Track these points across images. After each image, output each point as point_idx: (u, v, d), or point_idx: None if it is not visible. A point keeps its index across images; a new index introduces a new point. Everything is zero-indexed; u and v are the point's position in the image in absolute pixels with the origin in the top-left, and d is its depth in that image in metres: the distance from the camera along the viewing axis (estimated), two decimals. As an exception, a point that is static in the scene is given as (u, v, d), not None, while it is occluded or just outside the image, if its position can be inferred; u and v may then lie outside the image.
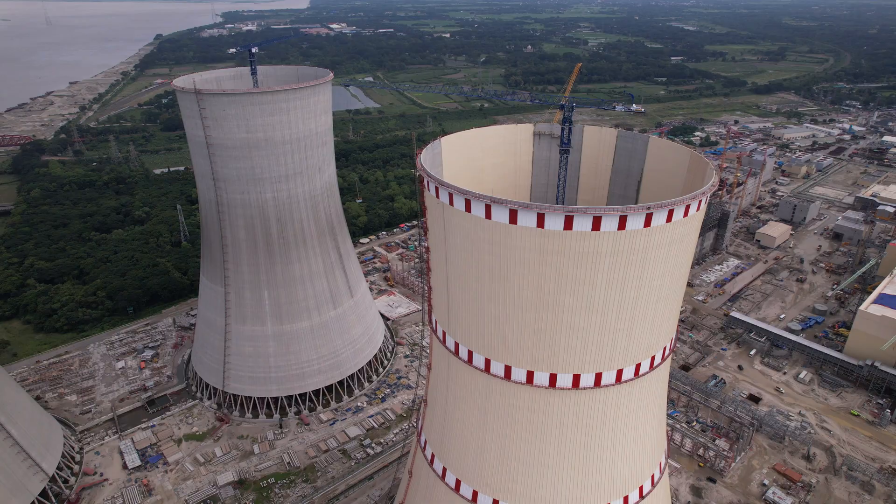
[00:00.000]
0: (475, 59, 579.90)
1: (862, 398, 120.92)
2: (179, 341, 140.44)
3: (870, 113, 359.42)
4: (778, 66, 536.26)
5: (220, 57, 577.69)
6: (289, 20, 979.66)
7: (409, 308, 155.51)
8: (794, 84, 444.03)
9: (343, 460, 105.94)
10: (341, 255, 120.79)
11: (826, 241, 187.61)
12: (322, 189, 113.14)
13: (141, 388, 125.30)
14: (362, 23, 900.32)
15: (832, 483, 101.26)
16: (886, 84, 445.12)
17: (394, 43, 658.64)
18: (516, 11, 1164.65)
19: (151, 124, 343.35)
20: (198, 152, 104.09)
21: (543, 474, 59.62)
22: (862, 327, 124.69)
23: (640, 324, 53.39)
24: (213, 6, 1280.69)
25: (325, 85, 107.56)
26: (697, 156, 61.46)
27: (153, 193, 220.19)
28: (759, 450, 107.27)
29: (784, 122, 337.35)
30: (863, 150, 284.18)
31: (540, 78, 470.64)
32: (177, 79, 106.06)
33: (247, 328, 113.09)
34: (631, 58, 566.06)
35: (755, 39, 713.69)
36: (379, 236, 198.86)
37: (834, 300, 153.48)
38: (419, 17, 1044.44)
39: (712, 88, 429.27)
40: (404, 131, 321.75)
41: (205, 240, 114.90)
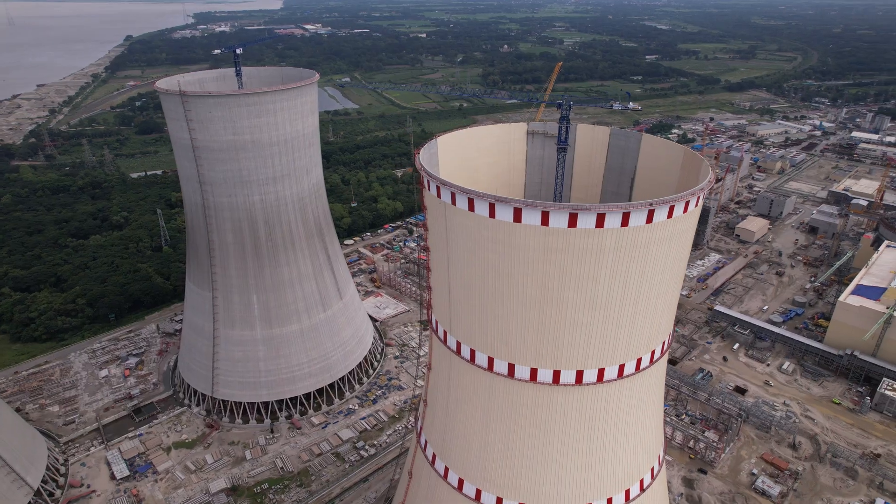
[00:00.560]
0: (452, 59, 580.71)
1: (842, 387, 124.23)
2: (164, 348, 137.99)
3: (838, 109, 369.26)
4: (749, 65, 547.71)
5: (194, 58, 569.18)
6: (262, 21, 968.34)
7: (396, 309, 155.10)
8: (766, 82, 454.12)
9: (337, 463, 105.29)
10: (329, 256, 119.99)
11: (802, 235, 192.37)
12: (310, 191, 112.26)
13: (126, 396, 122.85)
14: (337, 23, 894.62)
15: (818, 470, 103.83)
16: (852, 81, 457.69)
17: (370, 43, 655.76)
18: (491, 11, 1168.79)
19: (125, 127, 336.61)
20: (183, 155, 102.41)
21: (547, 471, 60.02)
22: (841, 318, 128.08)
23: (641, 319, 54.09)
24: (185, 7, 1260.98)
25: (312, 86, 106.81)
26: (691, 153, 62.50)
27: (131, 198, 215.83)
28: (747, 440, 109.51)
29: (757, 119, 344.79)
30: (833, 145, 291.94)
31: (518, 77, 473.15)
32: (159, 81, 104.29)
33: (235, 332, 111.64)
34: (606, 56, 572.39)
35: (726, 38, 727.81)
36: (363, 237, 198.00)
37: (812, 292, 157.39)
38: (394, 18, 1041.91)
39: (687, 86, 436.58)
40: (384, 132, 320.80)
41: (191, 244, 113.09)
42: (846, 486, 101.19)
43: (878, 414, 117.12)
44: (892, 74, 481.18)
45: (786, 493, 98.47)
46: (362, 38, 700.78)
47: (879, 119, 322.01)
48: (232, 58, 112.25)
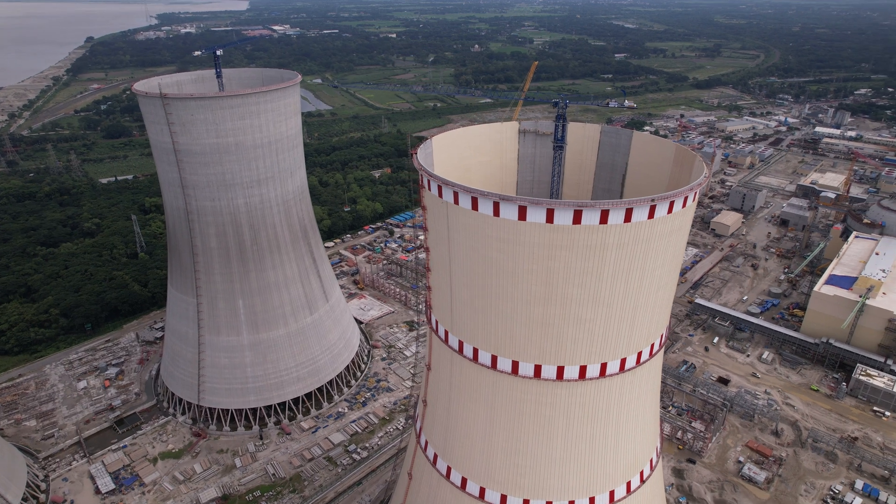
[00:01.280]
0: (423, 59, 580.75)
1: (819, 374, 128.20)
2: (145, 356, 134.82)
3: (801, 105, 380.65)
4: (715, 62, 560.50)
5: (160, 60, 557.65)
6: (229, 22, 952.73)
7: (381, 310, 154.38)
8: (732, 79, 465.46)
9: (329, 467, 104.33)
10: (315, 259, 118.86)
11: (774, 228, 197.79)
12: (294, 193, 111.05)
13: (107, 407, 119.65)
14: (306, 24, 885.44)
15: (800, 455, 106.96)
16: (813, 78, 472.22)
17: (340, 44, 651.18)
18: (460, 11, 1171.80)
19: (91, 131, 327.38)
20: (164, 159, 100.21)
21: (551, 467, 60.53)
22: (816, 307, 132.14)
23: (641, 313, 54.96)
24: (147, 8, 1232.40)
25: (295, 87, 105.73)
26: (683, 149, 63.72)
27: (102, 204, 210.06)
28: (732, 429, 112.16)
29: (726, 116, 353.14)
30: (798, 140, 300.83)
31: (490, 77, 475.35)
32: (137, 83, 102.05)
33: (221, 339, 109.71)
34: (577, 55, 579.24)
35: (692, 37, 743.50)
36: (343, 239, 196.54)
37: (787, 283, 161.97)
38: (363, 18, 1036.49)
39: (657, 84, 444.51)
40: (360, 133, 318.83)
41: (173, 249, 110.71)
42: (827, 469, 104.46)
43: (853, 399, 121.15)
44: (849, 71, 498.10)
45: (771, 479, 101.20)
46: (332, 39, 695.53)
47: (840, 115, 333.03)
48: (202, 60, 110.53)
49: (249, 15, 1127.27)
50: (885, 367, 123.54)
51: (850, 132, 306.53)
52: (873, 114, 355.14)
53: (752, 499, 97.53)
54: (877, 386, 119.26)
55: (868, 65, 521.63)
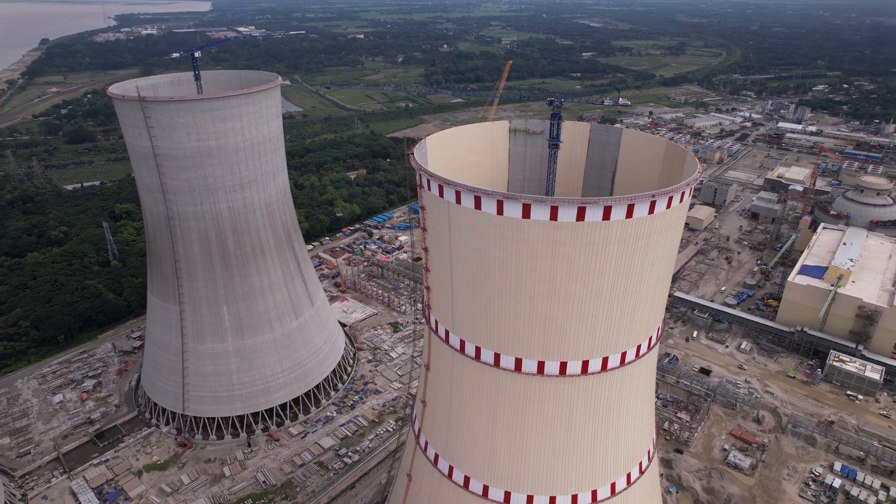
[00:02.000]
0: (393, 59, 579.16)
1: (795, 361, 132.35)
2: (124, 367, 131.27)
3: (764, 102, 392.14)
4: (679, 60, 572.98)
5: (122, 63, 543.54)
6: (192, 23, 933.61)
7: (364, 313, 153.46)
8: (697, 76, 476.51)
9: (321, 472, 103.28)
10: (299, 263, 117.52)
11: (745, 221, 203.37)
12: (277, 196, 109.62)
13: (86, 421, 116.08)
14: (271, 25, 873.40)
15: (781, 441, 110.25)
16: (773, 75, 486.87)
17: (307, 45, 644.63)
18: (427, 11, 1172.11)
19: (53, 137, 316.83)
20: (142, 164, 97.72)
21: (554, 462, 61.12)
22: (791, 297, 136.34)
23: (641, 307, 55.92)
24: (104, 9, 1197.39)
25: (276, 88, 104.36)
26: (674, 145, 65.04)
27: (69, 212, 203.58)
28: (716, 418, 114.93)
29: (693, 112, 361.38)
30: (763, 135, 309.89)
31: (461, 77, 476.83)
32: (112, 86, 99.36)
33: (206, 346, 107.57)
34: (545, 54, 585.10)
35: (656, 35, 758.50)
36: (322, 242, 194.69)
37: (760, 274, 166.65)
38: (329, 18, 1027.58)
39: (625, 82, 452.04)
40: (333, 134, 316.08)
41: (153, 256, 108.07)
42: (807, 453, 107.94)
43: (828, 384, 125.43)
44: (806, 69, 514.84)
45: (755, 465, 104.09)
46: (299, 40, 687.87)
47: (801, 110, 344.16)
48: (167, 63, 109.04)
49: (212, 16, 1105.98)
50: (857, 352, 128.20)
51: (811, 127, 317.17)
52: (831, 109, 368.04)
53: (739, 485, 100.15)
54: (849, 371, 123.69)
55: (823, 62, 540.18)
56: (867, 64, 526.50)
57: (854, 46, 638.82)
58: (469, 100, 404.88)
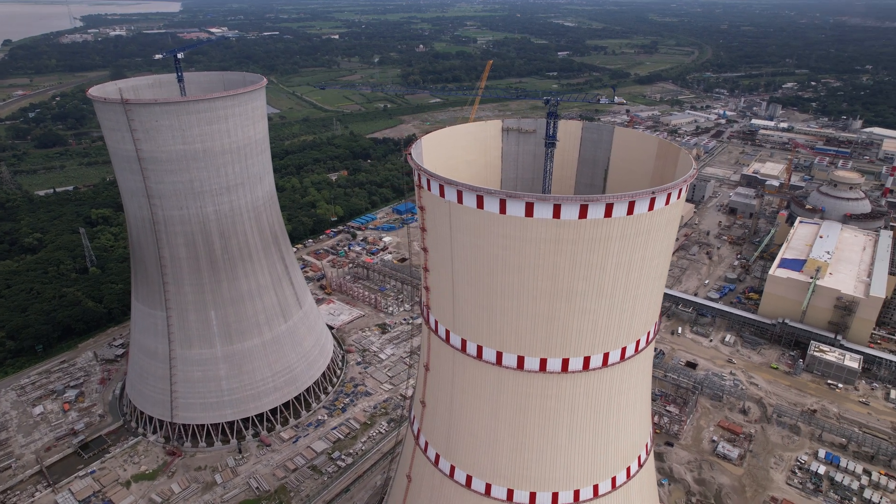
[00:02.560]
0: (369, 59, 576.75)
1: (777, 352, 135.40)
2: (106, 376, 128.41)
3: (737, 99, 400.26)
4: (653, 59, 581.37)
5: (90, 65, 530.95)
6: (162, 24, 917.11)
7: (351, 315, 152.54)
8: (671, 74, 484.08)
9: (314, 476, 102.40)
10: (287, 266, 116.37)
11: (724, 216, 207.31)
12: (264, 199, 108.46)
13: (69, 432, 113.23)
14: (244, 26, 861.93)
15: (767, 430, 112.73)
16: (744, 73, 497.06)
17: (282, 46, 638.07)
18: (401, 11, 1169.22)
19: (21, 141, 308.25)
20: (126, 168, 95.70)
21: (556, 458, 61.56)
22: (771, 290, 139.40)
23: (640, 302, 56.66)
24: (70, 9, 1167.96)
25: (261, 90, 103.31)
26: (666, 142, 66.01)
27: (42, 218, 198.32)
28: (704, 410, 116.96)
29: (668, 110, 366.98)
30: (737, 132, 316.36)
31: (438, 77, 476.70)
32: (92, 89, 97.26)
33: (194, 352, 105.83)
34: (521, 54, 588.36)
35: (629, 34, 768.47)
36: (306, 244, 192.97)
37: (740, 268, 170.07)
38: (303, 19, 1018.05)
39: (601, 80, 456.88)
40: (312, 136, 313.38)
41: (137, 262, 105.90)
42: (792, 441, 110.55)
43: (809, 374, 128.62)
44: (776, 66, 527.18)
45: (744, 455, 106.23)
46: (273, 41, 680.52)
47: (772, 107, 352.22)
48: (137, 65, 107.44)
49: (183, 17, 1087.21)
50: (836, 342, 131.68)
51: (783, 124, 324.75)
52: (801, 106, 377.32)
53: (729, 475, 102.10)
54: (829, 360, 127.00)
55: (791, 60, 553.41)
56: (832, 62, 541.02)
57: (819, 45, 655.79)
58: (447, 99, 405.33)
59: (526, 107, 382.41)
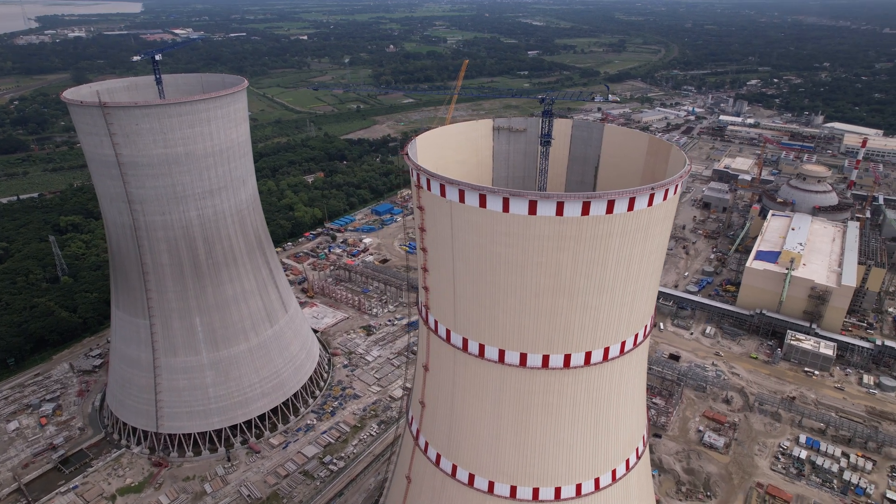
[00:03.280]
0: (339, 60, 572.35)
1: (756, 342, 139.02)
2: (84, 387, 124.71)
3: (705, 96, 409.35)
4: (621, 57, 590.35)
5: (49, 67, 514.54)
6: (123, 25, 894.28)
7: (335, 317, 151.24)
8: (639, 72, 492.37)
9: (307, 482, 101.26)
10: (272, 269, 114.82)
11: (698, 211, 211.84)
12: (247, 202, 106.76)
13: (48, 447, 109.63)
14: (210, 27, 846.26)
15: (750, 419, 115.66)
16: (710, 71, 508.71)
17: (250, 47, 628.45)
18: (369, 12, 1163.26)
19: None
20: (104, 173, 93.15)
21: (558, 453, 62.13)
22: (749, 281, 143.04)
23: (639, 296, 57.56)
24: (24, 9, 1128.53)
25: (243, 92, 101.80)
26: (657, 139, 67.17)
27: (7, 226, 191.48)
28: (688, 402, 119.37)
29: (639, 108, 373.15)
30: (707, 128, 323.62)
31: (410, 77, 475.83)
32: (67, 92, 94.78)
33: (179, 360, 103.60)
34: (491, 53, 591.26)
35: (597, 33, 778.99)
36: (285, 248, 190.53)
37: (716, 261, 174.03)
38: (270, 20, 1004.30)
39: (571, 79, 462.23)
40: (285, 138, 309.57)
41: (117, 269, 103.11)
42: (774, 428, 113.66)
43: (787, 362, 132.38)
44: (740, 64, 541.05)
45: (729, 444, 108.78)
46: (241, 42, 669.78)
47: (739, 104, 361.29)
48: (99, 67, 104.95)
49: (145, 18, 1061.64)
50: (811, 331, 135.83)
51: (749, 119, 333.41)
52: (765, 102, 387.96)
53: (716, 464, 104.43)
54: (806, 349, 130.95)
55: (754, 58, 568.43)
56: (792, 60, 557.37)
57: (779, 43, 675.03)
58: (421, 99, 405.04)
59: (499, 106, 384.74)
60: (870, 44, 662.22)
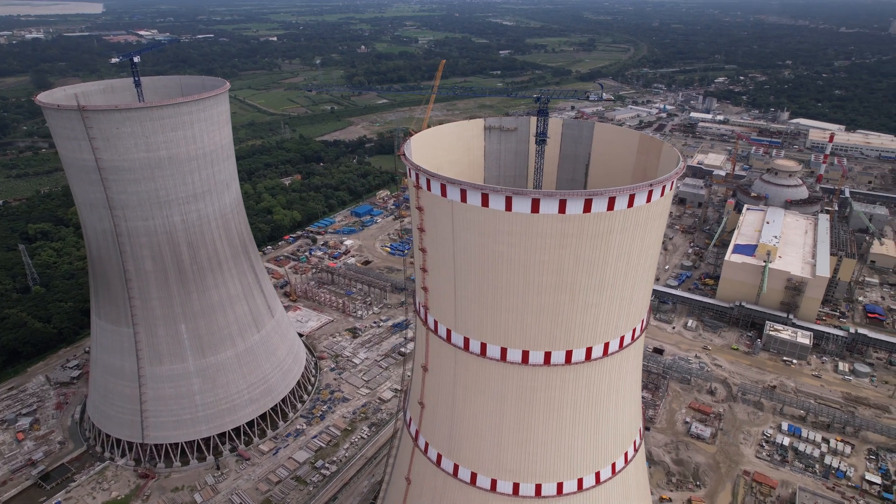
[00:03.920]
0: (310, 61, 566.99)
1: (736, 334, 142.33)
2: (63, 400, 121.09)
3: (675, 94, 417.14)
4: (592, 56, 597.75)
5: (6, 70, 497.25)
6: (84, 27, 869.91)
7: (319, 321, 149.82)
8: (610, 71, 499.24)
9: (299, 487, 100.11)
10: (257, 273, 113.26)
11: (674, 206, 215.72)
12: (231, 206, 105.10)
13: (27, 463, 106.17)
14: (176, 28, 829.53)
15: (734, 408, 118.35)
16: (679, 69, 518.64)
17: (219, 49, 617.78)
18: (338, 12, 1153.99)
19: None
20: (83, 178, 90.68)
21: (560, 449, 62.65)
22: (728, 275, 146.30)
23: (637, 291, 58.43)
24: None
25: (225, 94, 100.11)
26: (648, 137, 68.26)
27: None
28: (674, 394, 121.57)
29: (612, 106, 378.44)
30: (678, 125, 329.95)
31: (383, 77, 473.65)
32: (41, 95, 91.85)
33: (164, 368, 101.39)
34: (464, 53, 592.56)
35: (567, 32, 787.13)
36: (265, 252, 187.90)
37: (694, 256, 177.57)
38: (238, 21, 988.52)
39: (544, 78, 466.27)
40: (259, 140, 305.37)
41: (98, 277, 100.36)
42: (757, 417, 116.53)
43: (767, 352, 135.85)
44: (707, 62, 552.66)
45: (715, 433, 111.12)
46: (209, 44, 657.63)
47: (708, 101, 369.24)
48: (61, 69, 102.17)
49: (107, 18, 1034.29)
50: (788, 321, 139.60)
51: (719, 116, 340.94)
52: (733, 99, 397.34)
53: (703, 454, 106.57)
54: (784, 339, 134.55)
55: (721, 56, 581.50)
56: (757, 58, 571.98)
57: (743, 42, 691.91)
58: (395, 99, 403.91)
59: (473, 105, 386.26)
60: (828, 42, 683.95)
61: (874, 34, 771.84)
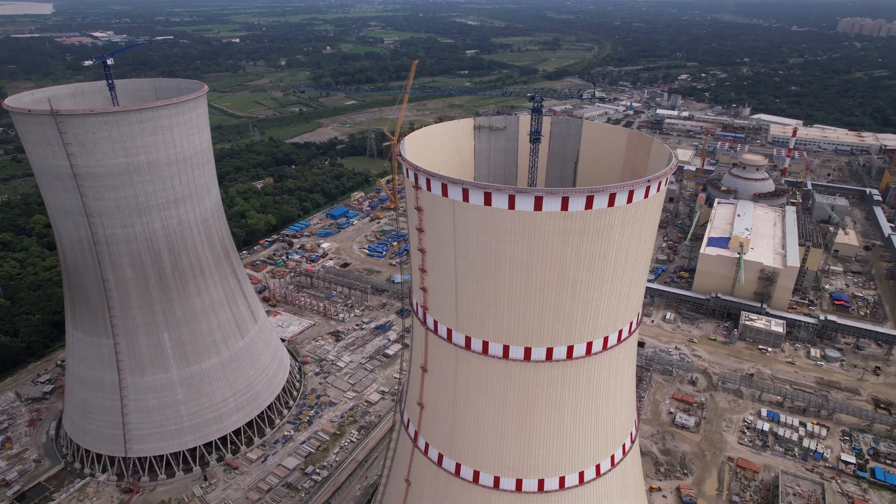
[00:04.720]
0: (275, 62, 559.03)
1: (713, 325, 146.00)
2: (36, 416, 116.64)
3: (640, 91, 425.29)
4: (557, 55, 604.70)
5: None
6: (33, 28, 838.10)
7: (300, 325, 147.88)
8: (576, 69, 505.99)
9: (291, 494, 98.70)
10: (239, 279, 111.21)
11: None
12: (212, 211, 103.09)
13: (0, 484, 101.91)
14: (132, 30, 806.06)
15: (715, 397, 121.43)
16: (643, 67, 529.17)
17: (180, 51, 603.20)
18: (301, 13, 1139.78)
19: None
20: (56, 185, 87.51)
21: (562, 444, 63.29)
22: (704, 267, 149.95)
23: (634, 286, 59.50)
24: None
25: (203, 97, 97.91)
26: (637, 134, 69.40)
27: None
28: (658, 386, 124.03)
29: (580, 104, 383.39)
30: (645, 122, 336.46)
31: (350, 78, 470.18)
32: (8, 99, 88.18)
33: (147, 379, 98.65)
34: (430, 53, 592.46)
35: (531, 31, 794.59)
36: (241, 256, 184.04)
37: (668, 250, 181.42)
38: (198, 22, 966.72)
39: (511, 77, 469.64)
40: (228, 144, 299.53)
41: (74, 288, 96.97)
42: (737, 404, 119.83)
43: (743, 342, 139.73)
44: (669, 60, 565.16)
45: (699, 423, 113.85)
46: (169, 46, 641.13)
47: (673, 98, 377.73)
48: (11, 72, 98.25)
49: (58, 19, 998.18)
50: (762, 311, 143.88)
51: (684, 113, 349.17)
52: (696, 96, 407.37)
53: (689, 443, 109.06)
54: (759, 328, 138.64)
55: (682, 54, 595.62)
56: (716, 55, 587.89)
57: (702, 40, 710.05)
58: (364, 100, 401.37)
59: (443, 105, 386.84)
60: (782, 40, 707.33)
61: (823, 33, 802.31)
